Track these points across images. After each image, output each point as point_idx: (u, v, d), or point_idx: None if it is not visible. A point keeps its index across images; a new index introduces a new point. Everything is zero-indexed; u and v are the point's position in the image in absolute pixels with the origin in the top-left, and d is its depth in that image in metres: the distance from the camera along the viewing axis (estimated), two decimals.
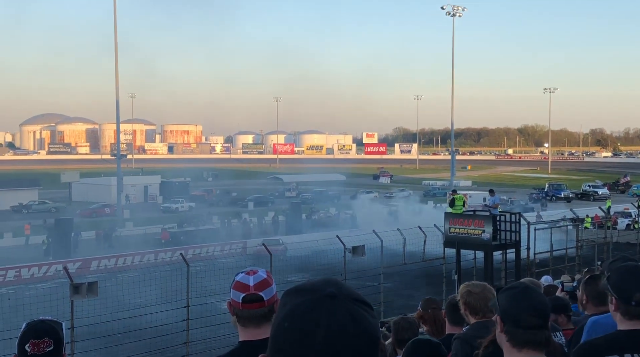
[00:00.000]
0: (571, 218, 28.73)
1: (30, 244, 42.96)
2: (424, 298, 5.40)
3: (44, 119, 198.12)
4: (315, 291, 1.31)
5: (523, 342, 2.55)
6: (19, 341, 2.94)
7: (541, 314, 2.58)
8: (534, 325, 2.55)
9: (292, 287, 1.37)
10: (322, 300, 1.28)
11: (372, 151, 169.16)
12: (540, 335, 2.56)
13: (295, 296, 1.32)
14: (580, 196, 74.10)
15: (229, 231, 49.26)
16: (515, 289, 2.69)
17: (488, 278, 20.50)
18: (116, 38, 54.60)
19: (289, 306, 1.30)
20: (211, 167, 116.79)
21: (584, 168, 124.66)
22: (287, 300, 1.33)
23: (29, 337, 2.93)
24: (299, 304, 1.29)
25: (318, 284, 1.34)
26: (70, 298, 14.85)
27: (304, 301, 1.29)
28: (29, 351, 2.90)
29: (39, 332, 2.93)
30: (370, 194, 75.76)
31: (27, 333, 2.94)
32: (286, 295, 1.35)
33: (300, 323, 1.26)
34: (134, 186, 71.34)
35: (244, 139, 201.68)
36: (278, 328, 1.29)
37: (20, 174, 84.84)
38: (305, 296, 1.30)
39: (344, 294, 1.31)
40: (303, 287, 1.35)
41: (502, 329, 2.61)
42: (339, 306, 1.28)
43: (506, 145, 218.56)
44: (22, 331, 2.96)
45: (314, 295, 1.30)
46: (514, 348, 2.57)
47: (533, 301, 2.60)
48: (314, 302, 1.28)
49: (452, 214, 23.82)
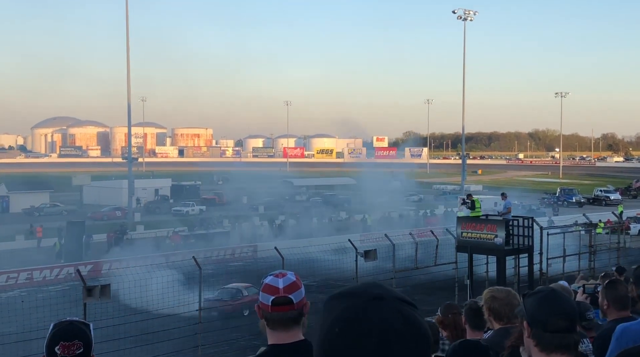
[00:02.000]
0: (584, 223, 28.57)
1: (42, 247, 43.15)
2: (444, 303, 5.37)
3: (56, 122, 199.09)
4: (361, 294, 1.30)
5: (552, 346, 2.53)
6: (48, 342, 2.91)
7: (569, 317, 2.56)
8: (563, 328, 2.53)
9: (337, 292, 1.36)
10: (371, 303, 1.27)
11: (383, 155, 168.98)
12: (569, 338, 2.54)
13: (342, 300, 1.31)
14: (592, 201, 73.72)
15: (240, 234, 49.32)
16: (542, 292, 2.67)
17: (500, 283, 20.38)
18: (128, 42, 54.85)
19: (337, 311, 1.28)
20: (221, 170, 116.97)
21: (596, 173, 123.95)
22: (334, 305, 1.31)
23: (58, 339, 2.91)
24: (347, 308, 1.27)
25: (363, 287, 1.33)
26: (83, 301, 14.87)
27: (352, 304, 1.28)
28: (58, 353, 2.88)
29: (69, 334, 2.92)
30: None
31: (56, 335, 2.92)
32: (331, 300, 1.33)
33: (353, 327, 1.24)
34: (144, 189, 71.57)
35: (254, 143, 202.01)
36: (328, 333, 1.26)
37: (32, 177, 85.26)
38: (352, 300, 1.29)
39: (390, 295, 1.31)
40: (348, 292, 1.33)
41: (529, 333, 2.58)
42: (388, 308, 1.27)
43: (517, 150, 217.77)
44: (51, 333, 2.94)
45: (362, 298, 1.28)
46: (542, 352, 2.55)
47: (561, 304, 2.57)
48: (362, 306, 1.27)
49: (465, 218, 23.69)
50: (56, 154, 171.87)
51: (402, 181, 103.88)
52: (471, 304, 4.85)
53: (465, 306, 4.90)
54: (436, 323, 5.19)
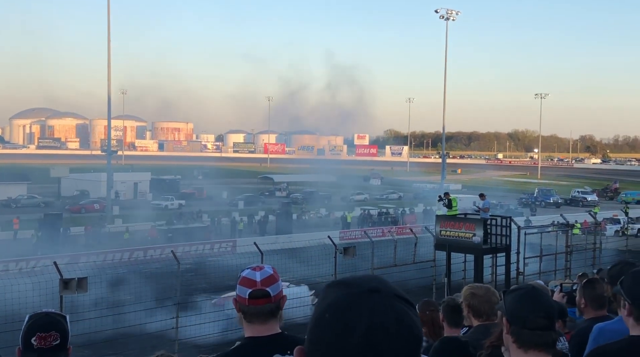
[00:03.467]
0: (561, 223, 28.82)
1: (19, 238, 42.71)
2: (422, 300, 5.39)
3: (34, 113, 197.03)
4: (358, 285, 1.29)
5: (530, 343, 2.56)
6: (24, 334, 2.88)
7: (548, 315, 2.59)
8: (541, 326, 2.56)
9: (334, 281, 1.35)
10: (365, 294, 1.26)
11: (363, 153, 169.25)
12: (546, 336, 2.57)
13: (337, 289, 1.30)
14: (569, 202, 74.42)
15: (219, 229, 49.16)
16: (522, 290, 2.70)
17: (478, 282, 20.51)
18: (109, 33, 54.42)
19: (330, 299, 1.28)
20: (202, 165, 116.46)
21: (574, 174, 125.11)
22: (328, 293, 1.30)
23: (35, 330, 2.87)
24: (341, 297, 1.26)
25: (361, 279, 1.32)
26: (59, 293, 14.76)
27: (346, 294, 1.27)
28: (35, 344, 2.85)
29: (45, 325, 2.88)
30: (361, 195, 75.98)
31: (33, 326, 2.89)
32: (327, 288, 1.33)
33: (342, 316, 1.23)
34: (123, 183, 71.04)
35: (235, 138, 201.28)
36: (319, 320, 1.26)
37: (10, 168, 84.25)
38: (347, 290, 1.28)
39: (387, 289, 1.30)
40: (345, 281, 1.32)
41: (508, 330, 2.62)
42: (381, 301, 1.26)
43: (496, 150, 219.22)
44: (27, 324, 2.90)
45: (357, 289, 1.28)
46: (520, 349, 2.58)
47: (540, 302, 2.60)
48: (356, 296, 1.26)
49: (444, 217, 23.81)
50: (34, 146, 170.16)
51: (382, 178, 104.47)
52: (449, 301, 4.87)
53: (443, 303, 4.92)
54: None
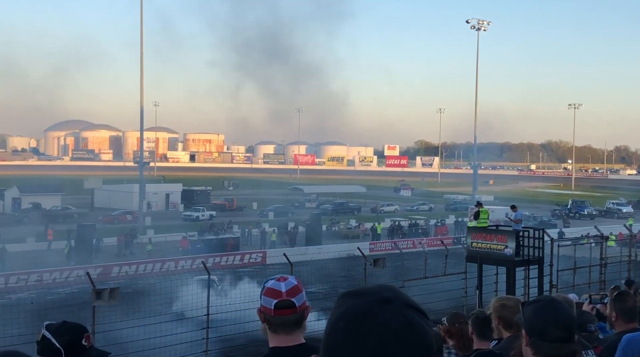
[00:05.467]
0: (595, 235, 28.38)
1: (53, 249, 43.36)
2: (451, 312, 5.36)
3: (69, 125, 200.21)
4: (371, 294, 1.30)
5: (549, 355, 2.54)
6: (71, 338, 2.83)
7: (566, 327, 2.56)
8: (560, 338, 2.54)
9: (347, 291, 1.37)
10: (378, 304, 1.27)
11: (394, 164, 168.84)
12: (566, 348, 2.54)
13: (350, 298, 1.31)
14: (604, 214, 73.33)
15: (249, 240, 49.40)
16: (541, 301, 2.68)
17: (510, 294, 20.27)
18: (142, 46, 55.25)
19: (344, 308, 1.29)
20: (232, 176, 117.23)
21: (608, 185, 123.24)
22: (342, 302, 1.32)
23: (82, 331, 2.88)
24: (354, 306, 1.28)
25: (374, 288, 1.33)
26: (92, 303, 14.91)
27: (359, 303, 1.28)
28: (86, 344, 2.85)
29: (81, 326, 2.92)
30: (391, 206, 75.77)
31: (73, 328, 2.88)
32: (341, 298, 1.34)
33: (355, 325, 1.25)
34: (155, 194, 71.87)
35: (265, 149, 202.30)
36: (332, 328, 1.28)
37: (44, 180, 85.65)
38: (361, 299, 1.30)
39: (400, 299, 1.30)
40: (359, 291, 1.34)
41: (527, 342, 2.60)
42: (394, 311, 1.27)
43: (529, 161, 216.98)
44: (66, 328, 2.87)
45: (370, 298, 1.29)
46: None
47: (558, 314, 2.58)
48: (369, 305, 1.27)
49: (475, 228, 23.59)
50: (68, 157, 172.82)
51: (412, 190, 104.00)
52: (478, 313, 4.83)
53: (472, 316, 4.89)
54: (440, 332, 5.18)
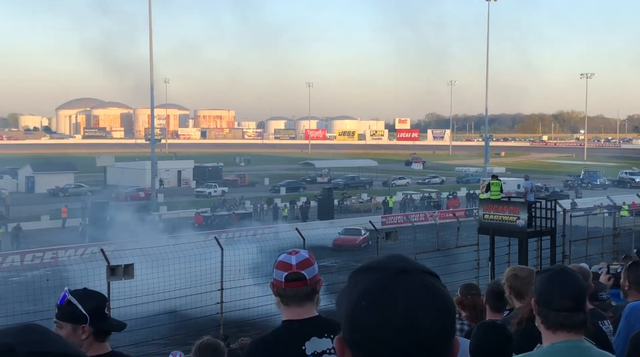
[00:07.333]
0: (608, 205, 28.30)
1: (67, 227, 43.75)
2: (463, 284, 5.37)
3: (80, 103, 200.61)
4: (385, 268, 1.29)
5: (557, 324, 2.54)
6: (95, 305, 2.79)
7: (574, 296, 2.56)
8: (568, 307, 2.54)
9: (360, 266, 1.35)
10: (395, 275, 1.27)
11: (405, 137, 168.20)
12: (575, 318, 2.54)
13: (366, 274, 1.30)
14: (617, 184, 72.99)
15: (261, 215, 49.58)
16: (551, 271, 2.69)
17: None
18: (151, 23, 54.99)
19: (362, 285, 1.27)
20: (243, 152, 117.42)
21: (621, 155, 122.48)
22: (358, 279, 1.30)
23: (103, 299, 2.86)
24: (373, 282, 1.27)
25: (386, 261, 1.32)
26: (107, 280, 15.04)
27: (378, 278, 1.27)
28: (108, 314, 2.86)
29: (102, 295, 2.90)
30: (403, 180, 75.73)
31: (96, 297, 2.84)
32: (355, 274, 1.32)
33: (379, 300, 1.24)
34: (167, 171, 72.12)
35: (276, 125, 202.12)
36: (356, 307, 1.25)
37: (57, 158, 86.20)
38: (377, 274, 1.28)
39: (414, 267, 1.30)
40: (372, 266, 1.32)
41: (536, 311, 2.61)
42: (413, 280, 1.27)
43: (541, 132, 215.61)
44: (89, 296, 2.82)
45: (387, 272, 1.28)
46: (548, 330, 2.58)
47: (566, 283, 2.57)
48: (388, 279, 1.26)
49: (487, 200, 23.54)
50: (80, 135, 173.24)
51: (424, 163, 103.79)
52: (493, 286, 4.82)
53: (487, 287, 4.89)
54: (454, 303, 5.18)
